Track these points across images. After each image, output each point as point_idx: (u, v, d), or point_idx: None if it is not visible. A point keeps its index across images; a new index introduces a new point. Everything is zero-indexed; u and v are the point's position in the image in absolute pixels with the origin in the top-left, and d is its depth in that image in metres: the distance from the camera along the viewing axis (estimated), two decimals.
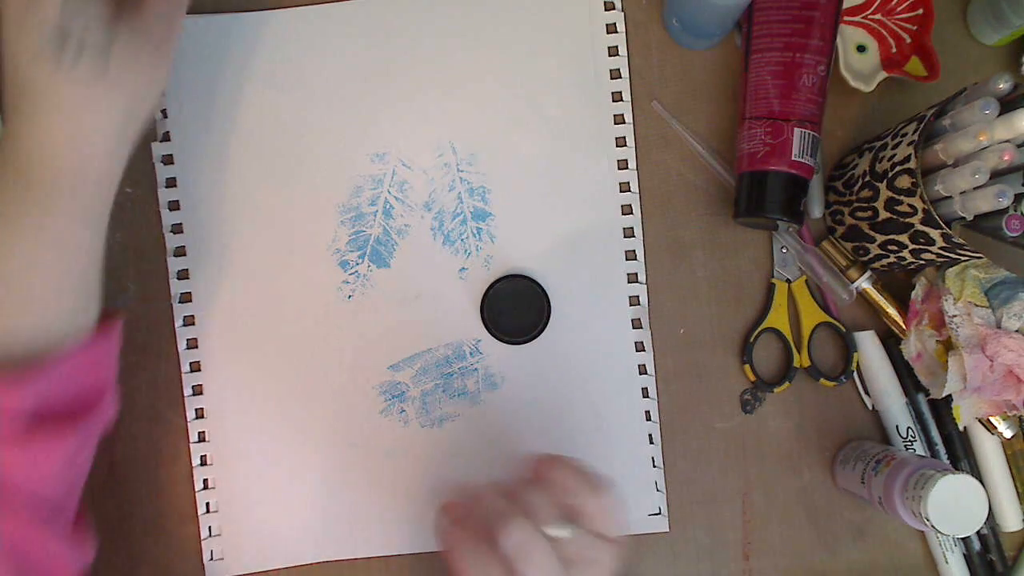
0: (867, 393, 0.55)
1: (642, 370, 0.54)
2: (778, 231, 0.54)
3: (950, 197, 0.44)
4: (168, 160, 0.55)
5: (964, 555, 0.53)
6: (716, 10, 0.50)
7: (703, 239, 0.55)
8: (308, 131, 0.55)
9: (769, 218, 0.50)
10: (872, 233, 0.50)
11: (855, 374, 0.54)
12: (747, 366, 0.54)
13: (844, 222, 0.52)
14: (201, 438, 0.54)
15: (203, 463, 0.54)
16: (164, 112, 0.55)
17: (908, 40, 0.54)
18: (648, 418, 0.54)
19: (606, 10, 0.55)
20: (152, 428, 0.55)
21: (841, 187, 0.52)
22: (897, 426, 0.53)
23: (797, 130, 0.49)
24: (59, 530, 0.43)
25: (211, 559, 0.54)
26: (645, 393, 0.54)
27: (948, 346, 0.50)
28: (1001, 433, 0.52)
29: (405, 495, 0.54)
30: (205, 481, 0.54)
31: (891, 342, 0.54)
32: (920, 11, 0.54)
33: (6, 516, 0.40)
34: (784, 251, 0.55)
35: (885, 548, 0.54)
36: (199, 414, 0.55)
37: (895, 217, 0.47)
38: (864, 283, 0.53)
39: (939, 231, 0.44)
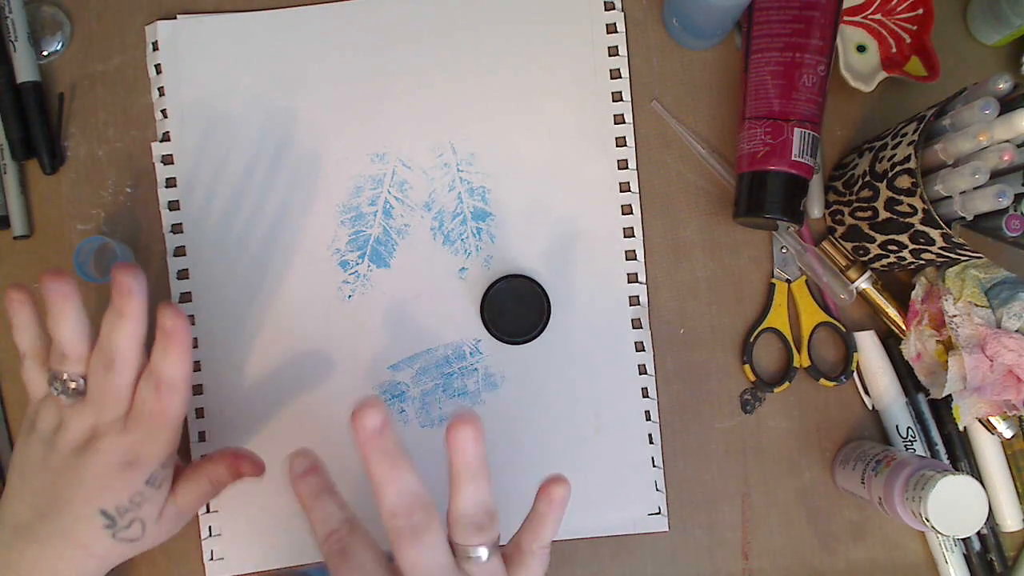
0: (867, 393, 0.54)
1: (642, 370, 0.54)
2: (778, 231, 0.54)
3: (950, 197, 0.44)
4: (168, 160, 0.55)
5: (964, 555, 0.53)
6: (716, 10, 0.50)
7: (703, 239, 0.55)
8: (308, 131, 0.55)
9: (769, 218, 0.50)
10: (872, 233, 0.50)
11: (855, 374, 0.54)
12: (747, 366, 0.54)
13: (844, 222, 0.52)
14: (201, 438, 0.54)
15: None
16: (164, 112, 0.55)
17: (908, 40, 0.54)
18: (648, 418, 0.54)
19: (606, 10, 0.55)
20: None
21: (841, 187, 0.52)
22: (897, 426, 0.53)
23: (797, 130, 0.49)
24: None
25: (211, 559, 0.54)
26: (645, 393, 0.54)
27: (948, 346, 0.50)
28: (1001, 433, 0.52)
29: None
30: None
31: (891, 342, 0.54)
32: (920, 11, 0.54)
33: None
34: (784, 251, 0.55)
35: (885, 548, 0.54)
36: (199, 414, 0.55)
37: (895, 217, 0.47)
38: (864, 283, 0.53)
39: (939, 231, 0.44)
